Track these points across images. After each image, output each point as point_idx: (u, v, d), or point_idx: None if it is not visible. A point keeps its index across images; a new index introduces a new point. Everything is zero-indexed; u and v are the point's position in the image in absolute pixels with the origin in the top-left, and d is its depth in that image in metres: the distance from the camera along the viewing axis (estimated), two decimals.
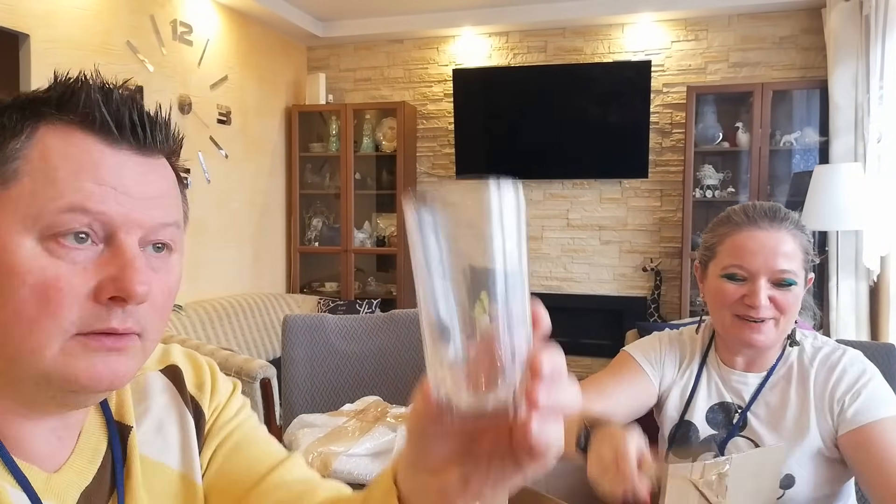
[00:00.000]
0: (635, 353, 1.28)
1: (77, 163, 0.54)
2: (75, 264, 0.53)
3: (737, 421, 1.17)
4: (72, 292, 0.52)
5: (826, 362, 1.15)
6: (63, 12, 3.06)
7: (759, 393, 1.17)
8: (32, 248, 0.52)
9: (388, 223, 4.82)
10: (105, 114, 0.55)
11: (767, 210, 1.14)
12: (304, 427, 0.98)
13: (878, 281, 3.43)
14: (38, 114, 0.55)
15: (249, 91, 4.45)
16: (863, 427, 1.08)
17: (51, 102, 0.55)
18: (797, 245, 1.11)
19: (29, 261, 0.52)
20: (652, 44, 4.39)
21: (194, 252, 3.95)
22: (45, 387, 0.54)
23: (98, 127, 0.55)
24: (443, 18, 4.59)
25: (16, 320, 0.52)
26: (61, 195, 0.52)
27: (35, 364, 0.53)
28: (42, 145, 0.54)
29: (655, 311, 4.25)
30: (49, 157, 0.53)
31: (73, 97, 0.55)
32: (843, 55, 3.62)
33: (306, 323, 2.01)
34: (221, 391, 0.74)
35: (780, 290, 1.10)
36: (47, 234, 0.52)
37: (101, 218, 0.54)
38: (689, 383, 1.23)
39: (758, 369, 1.18)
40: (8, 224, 0.52)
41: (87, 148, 0.54)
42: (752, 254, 1.11)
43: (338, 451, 0.88)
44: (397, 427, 0.94)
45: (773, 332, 1.12)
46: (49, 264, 0.52)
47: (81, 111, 0.55)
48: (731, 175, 4.16)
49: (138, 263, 0.54)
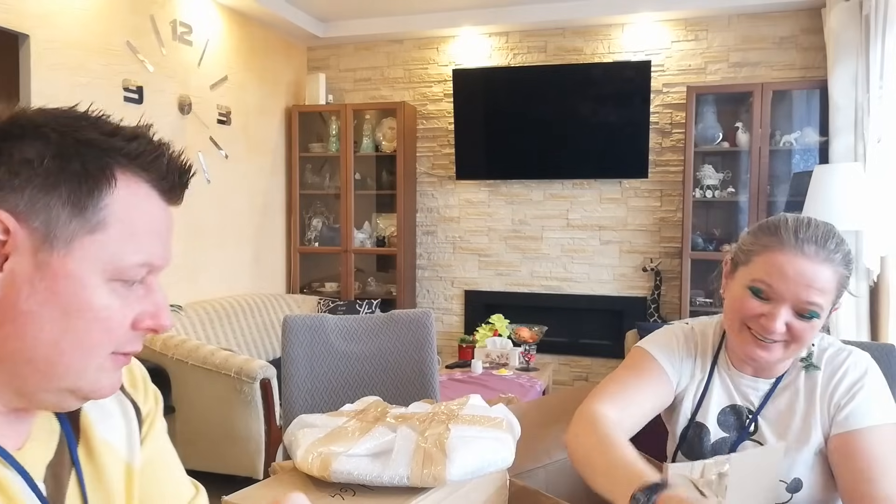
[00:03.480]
0: (654, 351, 1.22)
1: (150, 222, 0.63)
2: (125, 301, 0.62)
3: (748, 425, 1.16)
4: (123, 325, 0.62)
5: (831, 363, 1.14)
6: (63, 12, 3.06)
7: (769, 397, 1.16)
8: (103, 287, 0.60)
9: (388, 223, 4.82)
10: (176, 182, 0.65)
11: (819, 237, 1.05)
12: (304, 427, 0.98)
13: (878, 281, 3.43)
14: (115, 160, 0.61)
15: (249, 91, 4.45)
16: (850, 432, 1.07)
17: (133, 156, 0.62)
18: (836, 280, 1.05)
19: (101, 299, 0.60)
20: (652, 44, 4.39)
21: (194, 252, 3.96)
22: (68, 395, 0.62)
23: (167, 190, 0.65)
24: (443, 18, 4.59)
25: (76, 345, 0.60)
26: (139, 252, 0.62)
27: (74, 379, 0.61)
28: (123, 199, 0.61)
29: (655, 311, 4.25)
30: (130, 213, 0.61)
31: (157, 160, 0.63)
32: (842, 55, 3.62)
33: (306, 323, 2.01)
34: (150, 397, 0.80)
35: (801, 320, 1.06)
36: (116, 277, 0.61)
37: (155, 268, 0.64)
38: (702, 384, 1.21)
39: (767, 375, 1.17)
40: (91, 265, 0.59)
41: (154, 205, 0.64)
42: (786, 278, 1.04)
43: (338, 451, 0.88)
44: (397, 427, 0.94)
45: (779, 353, 1.10)
46: (113, 302, 0.61)
47: (161, 175, 0.64)
48: (731, 175, 4.16)
49: (166, 300, 0.65)
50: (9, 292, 0.57)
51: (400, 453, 0.89)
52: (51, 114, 0.61)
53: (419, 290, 4.96)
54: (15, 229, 0.57)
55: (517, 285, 4.74)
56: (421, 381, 2.01)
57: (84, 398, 0.63)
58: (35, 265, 0.58)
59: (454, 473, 0.86)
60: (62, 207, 0.58)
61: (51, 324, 0.58)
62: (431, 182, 4.90)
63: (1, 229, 0.57)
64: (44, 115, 0.61)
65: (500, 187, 4.75)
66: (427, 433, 0.93)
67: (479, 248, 4.83)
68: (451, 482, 0.87)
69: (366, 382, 2.01)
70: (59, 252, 0.58)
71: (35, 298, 0.58)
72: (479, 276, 4.84)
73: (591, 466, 1.01)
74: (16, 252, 0.57)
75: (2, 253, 0.57)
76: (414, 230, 4.90)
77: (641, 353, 1.23)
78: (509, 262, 4.76)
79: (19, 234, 0.57)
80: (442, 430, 0.93)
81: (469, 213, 4.84)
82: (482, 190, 4.79)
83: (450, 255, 4.90)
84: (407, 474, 0.85)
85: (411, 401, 1.13)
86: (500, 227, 4.77)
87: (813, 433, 1.11)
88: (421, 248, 4.95)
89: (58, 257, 0.58)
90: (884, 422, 1.07)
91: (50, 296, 0.58)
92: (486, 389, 3.31)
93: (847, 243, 1.09)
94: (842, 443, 1.08)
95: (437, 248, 4.93)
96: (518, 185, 4.71)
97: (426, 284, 4.95)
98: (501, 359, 3.87)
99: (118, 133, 0.62)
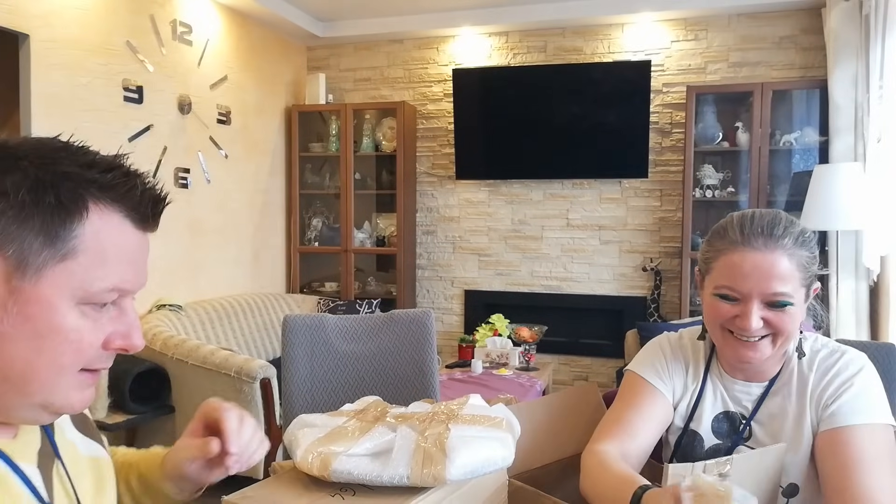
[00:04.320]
0: (644, 372, 1.23)
1: (121, 250, 0.66)
2: (96, 322, 0.66)
3: (741, 430, 1.16)
4: (93, 345, 0.66)
5: (822, 365, 1.13)
6: (63, 12, 3.06)
7: (761, 402, 1.15)
8: (73, 311, 0.64)
9: (388, 223, 4.82)
10: (149, 212, 0.69)
11: (765, 227, 1.07)
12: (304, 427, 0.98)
13: (878, 281, 3.43)
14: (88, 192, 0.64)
15: (249, 91, 4.45)
16: (836, 429, 1.06)
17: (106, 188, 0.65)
18: (795, 264, 1.06)
19: (71, 321, 0.64)
20: (652, 44, 4.39)
21: (194, 252, 3.96)
22: (41, 410, 0.67)
23: (138, 219, 0.68)
24: (443, 18, 4.59)
25: (48, 366, 0.64)
26: (108, 277, 0.65)
27: (46, 395, 0.65)
28: (96, 228, 0.64)
29: (655, 311, 4.25)
30: (101, 242, 0.65)
31: (130, 192, 0.66)
32: (842, 55, 3.62)
33: (306, 323, 2.01)
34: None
35: (775, 311, 1.06)
36: (85, 301, 0.64)
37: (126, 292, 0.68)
38: (695, 392, 1.21)
39: (760, 379, 1.17)
40: (59, 291, 0.63)
41: (126, 232, 0.67)
42: (744, 276, 1.06)
43: (337, 451, 0.88)
44: (397, 427, 0.94)
45: (768, 349, 1.10)
46: (83, 325, 0.65)
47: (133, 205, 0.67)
48: (731, 175, 4.16)
49: (138, 321, 0.70)
50: None
51: (400, 453, 0.89)
52: (31, 144, 0.65)
53: (419, 289, 4.96)
54: None
55: (517, 285, 4.74)
56: (421, 381, 2.01)
57: (56, 413, 0.68)
58: (8, 291, 0.62)
59: (454, 473, 0.86)
60: (34, 237, 0.61)
61: (24, 344, 0.63)
62: (431, 182, 4.90)
63: None
64: (24, 147, 0.64)
65: (500, 187, 4.75)
66: (427, 433, 0.93)
67: (479, 248, 4.83)
68: (450, 482, 0.87)
69: (366, 382, 2.01)
70: (30, 279, 0.62)
71: (9, 321, 0.62)
72: (479, 275, 4.84)
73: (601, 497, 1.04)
74: None
75: None
76: (414, 230, 4.91)
77: (632, 379, 1.24)
78: (509, 262, 4.76)
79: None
80: (442, 430, 0.93)
81: (469, 213, 4.84)
82: (482, 190, 4.79)
83: (450, 254, 4.90)
84: (407, 474, 0.85)
85: (411, 400, 1.13)
86: (500, 227, 4.77)
87: (805, 436, 1.10)
88: (421, 247, 4.95)
89: (29, 283, 0.62)
90: (872, 421, 1.05)
91: (23, 319, 0.62)
92: (486, 389, 3.31)
93: (798, 224, 1.09)
94: (827, 439, 1.07)
95: (437, 248, 4.93)
96: (518, 185, 4.71)
97: (426, 284, 4.95)
98: (501, 359, 3.87)
99: (94, 165, 0.65)
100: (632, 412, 1.19)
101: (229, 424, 0.80)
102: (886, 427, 1.06)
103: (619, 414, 1.20)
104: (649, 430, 1.18)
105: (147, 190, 0.68)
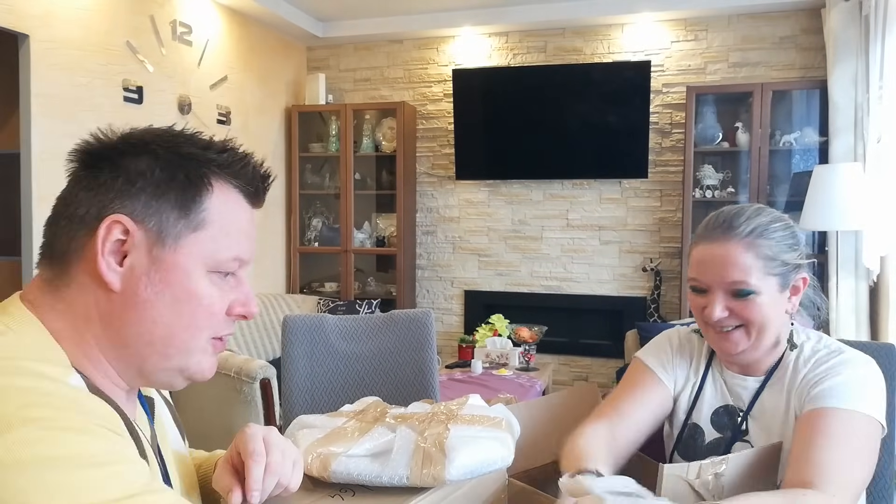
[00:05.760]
0: (647, 359, 1.26)
1: (240, 222, 0.73)
2: (221, 290, 0.73)
3: (739, 424, 1.16)
4: (221, 311, 0.73)
5: (818, 362, 1.11)
6: (63, 12, 3.06)
7: (756, 397, 1.16)
8: (204, 278, 0.71)
9: (388, 223, 4.82)
10: (261, 187, 0.76)
11: (724, 220, 1.11)
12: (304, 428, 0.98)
13: (878, 281, 3.43)
14: (210, 170, 0.71)
15: (249, 91, 4.45)
16: (814, 409, 1.04)
17: (224, 166, 0.72)
18: (754, 255, 1.07)
19: (204, 288, 0.71)
20: (652, 44, 4.39)
21: None
22: (177, 374, 0.73)
23: (252, 194, 0.75)
24: (443, 18, 4.59)
25: (186, 329, 0.70)
26: (232, 248, 0.72)
27: (184, 358, 0.72)
28: (219, 202, 0.71)
29: (655, 312, 4.25)
30: (225, 214, 0.72)
31: (244, 169, 0.74)
32: (842, 55, 3.62)
33: (306, 323, 2.01)
34: None
35: (738, 301, 1.08)
36: (214, 269, 0.71)
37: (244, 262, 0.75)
38: (696, 385, 1.23)
39: (755, 373, 1.17)
40: (195, 258, 0.70)
41: (243, 207, 0.74)
42: (704, 267, 1.11)
43: (337, 451, 0.88)
44: (397, 427, 0.94)
45: (744, 341, 1.11)
46: (214, 291, 0.71)
47: (248, 181, 0.74)
48: (731, 175, 4.16)
49: (252, 292, 0.76)
50: (129, 284, 0.68)
51: (399, 453, 0.89)
52: (154, 133, 0.72)
53: (419, 290, 4.96)
54: (133, 230, 0.67)
55: (517, 285, 4.74)
56: (421, 381, 2.01)
57: (189, 378, 0.74)
58: (150, 260, 0.68)
59: (454, 473, 0.86)
60: (171, 210, 0.69)
61: (165, 309, 0.69)
62: (431, 182, 4.90)
63: (122, 231, 0.67)
64: (150, 134, 0.71)
65: (499, 187, 4.75)
66: (426, 433, 0.93)
67: (479, 248, 4.83)
68: (450, 482, 0.87)
69: (365, 382, 2.01)
70: (169, 248, 0.69)
71: (152, 288, 0.68)
72: (478, 276, 4.84)
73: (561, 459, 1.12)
74: (134, 249, 0.68)
75: (122, 250, 0.68)
76: (414, 230, 4.91)
77: (636, 365, 1.28)
78: (509, 262, 4.76)
79: (137, 234, 0.68)
80: (441, 430, 0.93)
81: (469, 213, 4.84)
82: (482, 190, 4.79)
83: (450, 255, 4.90)
84: (406, 474, 0.86)
85: (411, 401, 1.13)
86: (500, 227, 4.77)
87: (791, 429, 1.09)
88: (421, 248, 4.95)
89: (168, 252, 0.69)
90: (852, 408, 1.02)
91: (163, 286, 0.69)
92: (486, 389, 3.31)
93: (768, 214, 1.12)
94: (802, 420, 1.05)
95: (436, 248, 4.93)
96: (518, 185, 4.70)
97: (426, 284, 4.95)
98: (501, 359, 3.87)
99: (211, 147, 0.72)
100: (628, 396, 1.23)
101: (252, 474, 0.77)
102: (868, 419, 1.02)
103: (616, 396, 1.24)
104: (643, 415, 1.20)
105: (257, 168, 0.75)
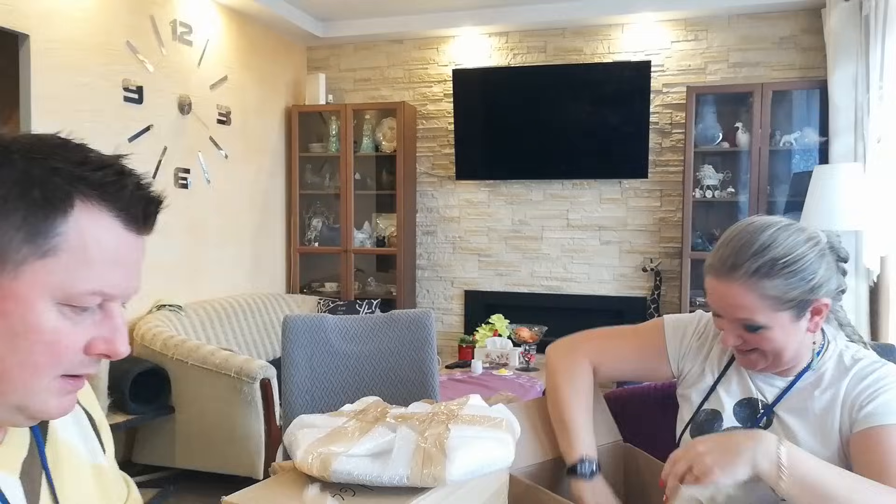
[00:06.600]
0: (668, 325, 1.30)
1: (108, 251, 0.62)
2: (77, 325, 0.63)
3: (759, 418, 1.16)
4: (72, 347, 0.63)
5: (861, 373, 1.11)
6: (63, 12, 3.06)
7: (784, 394, 1.15)
8: (50, 311, 0.61)
9: (388, 223, 4.82)
10: (140, 213, 0.64)
11: (731, 254, 1.08)
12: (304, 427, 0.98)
13: (878, 281, 3.43)
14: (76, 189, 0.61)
15: (249, 91, 4.45)
16: (871, 429, 1.05)
17: (95, 185, 0.62)
18: (756, 295, 1.06)
19: (48, 322, 0.61)
20: (652, 44, 4.40)
21: (194, 252, 3.96)
22: (16, 413, 0.63)
23: (133, 219, 0.64)
24: (443, 18, 4.59)
25: (22, 367, 0.61)
26: (91, 280, 0.62)
27: (20, 398, 0.62)
28: (78, 226, 0.61)
29: (655, 312, 4.25)
30: (85, 241, 0.61)
31: (121, 192, 0.63)
32: (842, 55, 3.62)
33: (306, 323, 2.01)
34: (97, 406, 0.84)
35: (750, 333, 1.09)
36: (65, 302, 0.61)
37: (111, 297, 0.64)
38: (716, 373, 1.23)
39: (784, 374, 1.17)
40: (38, 290, 0.60)
41: (116, 234, 0.63)
42: (713, 301, 1.12)
43: (337, 451, 0.88)
44: (397, 427, 0.94)
45: (762, 361, 1.12)
46: (61, 326, 0.61)
47: (123, 205, 0.63)
48: (731, 175, 4.16)
49: (124, 327, 0.66)
50: None
51: (400, 453, 0.89)
52: (26, 140, 0.62)
53: (419, 290, 4.96)
54: None
55: (517, 285, 4.74)
56: (421, 381, 2.01)
57: (32, 418, 0.65)
58: None
59: (454, 473, 0.86)
60: (15, 232, 0.59)
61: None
62: (431, 182, 4.91)
63: None
64: (19, 142, 0.62)
65: (499, 187, 4.75)
66: (427, 433, 0.93)
67: (479, 249, 4.83)
68: (450, 482, 0.87)
69: (366, 382, 2.01)
70: (8, 274, 0.59)
71: None
72: (479, 276, 4.84)
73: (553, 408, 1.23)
74: None
75: None
76: (414, 230, 4.91)
77: (655, 322, 1.32)
78: (509, 263, 4.76)
79: None
80: (442, 430, 0.93)
81: (469, 214, 4.84)
82: (482, 190, 4.79)
83: (450, 255, 4.90)
84: (407, 474, 0.85)
85: (411, 401, 1.13)
86: (500, 228, 4.77)
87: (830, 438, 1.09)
88: (421, 248, 4.95)
89: (6, 279, 0.59)
90: None
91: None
92: (486, 389, 3.30)
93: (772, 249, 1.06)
94: (861, 438, 1.06)
95: (437, 248, 4.93)
96: (518, 185, 4.71)
97: (426, 284, 4.95)
98: (501, 359, 3.87)
99: (86, 162, 0.62)
100: (631, 339, 1.31)
101: None
102: None
103: (622, 333, 1.32)
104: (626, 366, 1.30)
105: (139, 190, 0.64)
